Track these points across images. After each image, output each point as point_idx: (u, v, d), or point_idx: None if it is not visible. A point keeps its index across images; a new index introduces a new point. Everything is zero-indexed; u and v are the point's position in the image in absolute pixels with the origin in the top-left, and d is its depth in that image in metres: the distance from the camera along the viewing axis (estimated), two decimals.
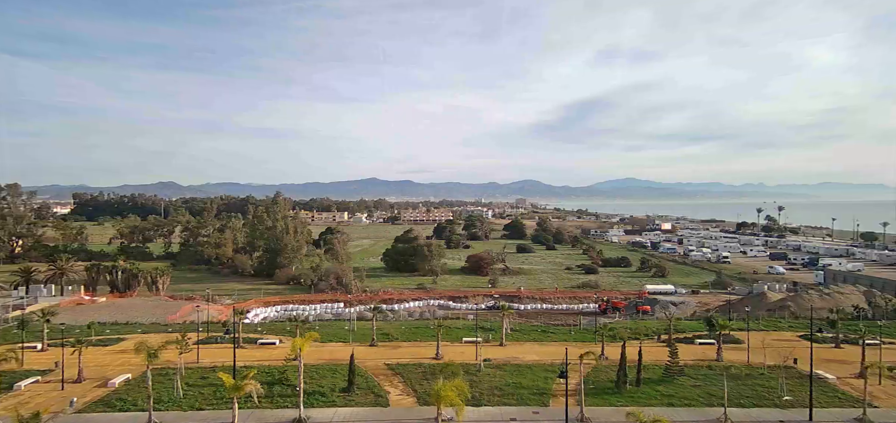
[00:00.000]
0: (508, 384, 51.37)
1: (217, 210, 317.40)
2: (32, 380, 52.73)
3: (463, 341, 67.91)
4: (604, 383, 51.83)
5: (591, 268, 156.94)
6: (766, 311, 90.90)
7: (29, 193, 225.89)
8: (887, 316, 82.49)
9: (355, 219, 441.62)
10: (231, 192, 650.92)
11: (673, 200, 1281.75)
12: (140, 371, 51.63)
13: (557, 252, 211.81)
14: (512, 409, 45.99)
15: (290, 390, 48.83)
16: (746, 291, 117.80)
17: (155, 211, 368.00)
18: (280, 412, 44.99)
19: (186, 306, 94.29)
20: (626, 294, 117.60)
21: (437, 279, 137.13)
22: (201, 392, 48.90)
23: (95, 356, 61.10)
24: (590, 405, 45.53)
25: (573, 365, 49.12)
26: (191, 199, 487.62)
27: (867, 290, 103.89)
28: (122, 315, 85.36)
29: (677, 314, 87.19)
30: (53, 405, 45.60)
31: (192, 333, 66.12)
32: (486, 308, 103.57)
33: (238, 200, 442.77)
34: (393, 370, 55.87)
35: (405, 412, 45.39)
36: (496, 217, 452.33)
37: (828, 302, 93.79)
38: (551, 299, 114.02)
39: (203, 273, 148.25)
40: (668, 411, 44.85)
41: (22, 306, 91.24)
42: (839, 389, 50.76)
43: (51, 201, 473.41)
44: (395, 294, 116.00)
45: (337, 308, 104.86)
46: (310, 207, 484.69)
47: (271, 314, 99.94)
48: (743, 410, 45.69)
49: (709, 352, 62.67)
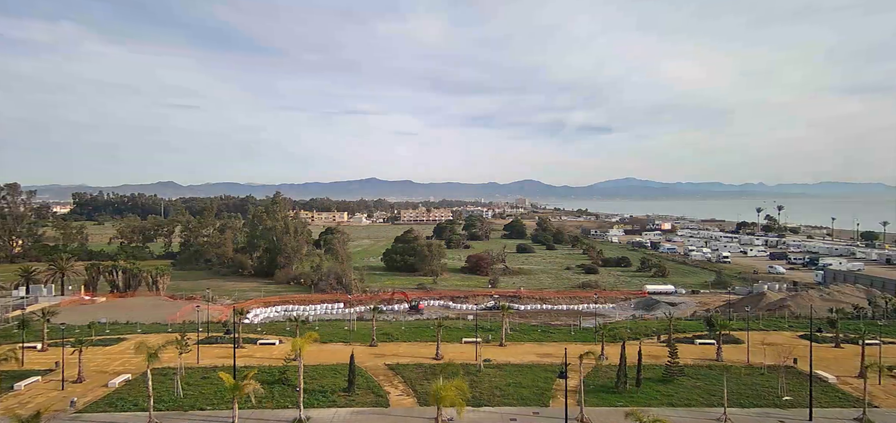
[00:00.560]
0: (508, 384, 51.38)
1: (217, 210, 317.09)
2: (32, 380, 52.69)
3: (463, 342, 67.91)
4: (604, 383, 51.87)
5: (591, 268, 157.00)
6: (766, 311, 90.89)
7: (29, 193, 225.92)
8: (887, 316, 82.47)
9: (355, 219, 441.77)
10: (231, 192, 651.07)
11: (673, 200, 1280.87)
12: (140, 371, 51.64)
13: (557, 252, 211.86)
14: (512, 409, 46.00)
15: (290, 390, 48.82)
16: (746, 291, 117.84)
17: (155, 211, 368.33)
18: (280, 412, 44.98)
19: (186, 307, 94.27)
20: (626, 294, 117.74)
21: (437, 279, 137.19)
22: (201, 392, 48.89)
23: (95, 355, 61.11)
24: (590, 405, 45.53)
25: (573, 365, 49.11)
26: (191, 199, 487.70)
27: (867, 289, 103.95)
28: (122, 315, 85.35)
29: (677, 314, 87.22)
30: (53, 405, 45.58)
31: (192, 333, 66.15)
32: (486, 308, 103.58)
33: (238, 200, 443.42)
34: (393, 370, 55.89)
35: (405, 411, 45.39)
36: (496, 217, 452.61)
37: (828, 302, 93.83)
38: (551, 299, 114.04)
39: (203, 273, 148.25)
40: (668, 411, 44.85)
41: (22, 306, 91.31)
42: (839, 389, 50.75)
43: (51, 201, 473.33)
44: (395, 294, 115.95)
45: (337, 308, 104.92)
46: (310, 207, 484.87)
47: (271, 314, 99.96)
48: (743, 410, 45.69)
49: (709, 352, 62.67)
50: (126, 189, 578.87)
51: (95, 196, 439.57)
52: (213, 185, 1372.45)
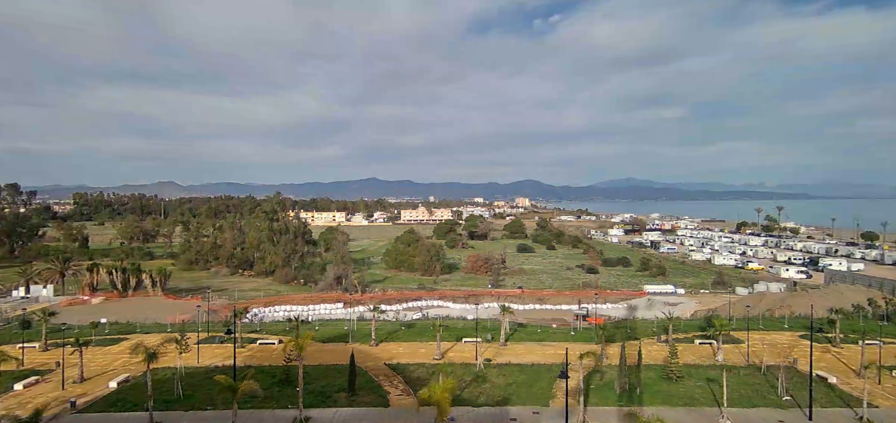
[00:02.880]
0: (509, 384, 51.40)
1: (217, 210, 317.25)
2: (32, 380, 52.75)
3: (463, 342, 67.93)
4: (604, 383, 51.86)
5: (591, 268, 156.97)
6: (766, 311, 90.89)
7: (29, 193, 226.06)
8: (887, 316, 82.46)
9: (355, 219, 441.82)
10: (231, 192, 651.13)
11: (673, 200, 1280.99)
12: (140, 371, 51.60)
13: (557, 252, 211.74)
14: (512, 409, 46.02)
15: (290, 390, 48.84)
16: (746, 291, 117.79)
17: (155, 211, 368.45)
18: (280, 412, 45.00)
19: (186, 307, 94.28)
20: (626, 295, 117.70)
21: (438, 279, 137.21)
22: (201, 392, 48.93)
23: (96, 356, 61.15)
24: (590, 405, 45.56)
25: (573, 365, 49.10)
26: (191, 199, 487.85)
27: (867, 290, 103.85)
28: (122, 315, 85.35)
29: (677, 314, 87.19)
30: (53, 405, 45.63)
31: (192, 333, 66.16)
32: (486, 308, 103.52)
33: (238, 200, 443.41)
34: (393, 370, 55.91)
35: (405, 412, 45.42)
36: (496, 217, 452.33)
37: (828, 302, 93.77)
38: (552, 299, 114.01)
39: (203, 273, 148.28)
40: (668, 411, 44.86)
41: (22, 307, 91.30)
42: (839, 389, 50.77)
43: (51, 201, 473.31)
44: (396, 294, 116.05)
45: (337, 308, 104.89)
46: (310, 207, 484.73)
47: (271, 314, 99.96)
48: (743, 410, 45.70)
49: (709, 352, 62.70)
50: (126, 189, 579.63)
51: (95, 196, 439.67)
52: (213, 185, 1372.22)
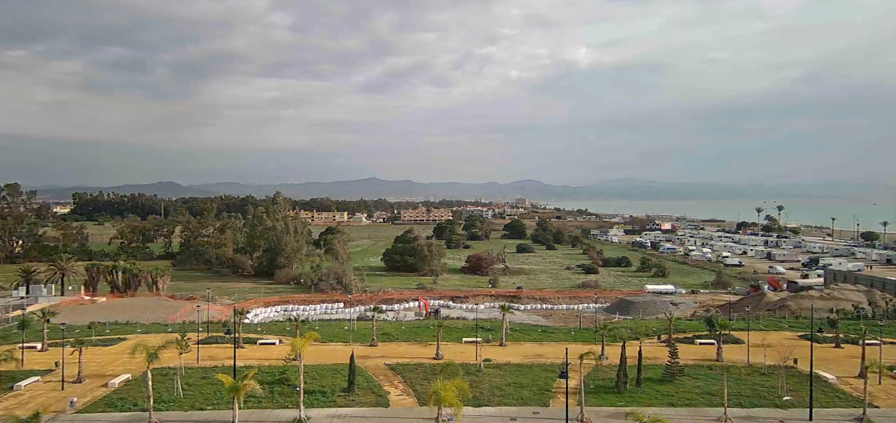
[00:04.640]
0: (508, 384, 51.37)
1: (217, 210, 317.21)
2: (32, 380, 52.66)
3: (463, 342, 67.90)
4: (604, 383, 51.85)
5: (591, 268, 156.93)
6: (766, 311, 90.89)
7: (29, 193, 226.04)
8: (887, 316, 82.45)
9: (355, 219, 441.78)
10: (231, 192, 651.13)
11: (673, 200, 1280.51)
12: (140, 371, 51.51)
13: (557, 252, 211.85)
14: (512, 409, 45.98)
15: (290, 390, 48.81)
16: (746, 291, 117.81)
17: (155, 211, 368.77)
18: (280, 412, 44.96)
19: (186, 306, 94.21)
20: (626, 294, 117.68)
21: (437, 279, 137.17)
22: (201, 392, 48.87)
23: (95, 356, 61.08)
24: (590, 405, 45.51)
25: (573, 365, 49.08)
26: (191, 199, 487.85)
27: (867, 290, 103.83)
28: (122, 315, 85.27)
29: (677, 314, 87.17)
30: (53, 405, 45.55)
31: (192, 333, 66.08)
32: (486, 308, 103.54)
33: (238, 200, 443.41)
34: (393, 370, 55.89)
35: (405, 411, 45.41)
36: (496, 217, 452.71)
37: (828, 302, 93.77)
38: (551, 299, 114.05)
39: (203, 273, 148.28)
40: (668, 411, 44.82)
41: (22, 306, 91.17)
42: (839, 389, 50.73)
43: (51, 201, 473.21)
44: (396, 294, 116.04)
45: (337, 308, 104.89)
46: (310, 207, 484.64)
47: (271, 314, 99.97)
48: (743, 410, 45.66)
49: (709, 352, 62.64)
50: (126, 189, 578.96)
51: (95, 196, 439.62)
52: (213, 185, 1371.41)
